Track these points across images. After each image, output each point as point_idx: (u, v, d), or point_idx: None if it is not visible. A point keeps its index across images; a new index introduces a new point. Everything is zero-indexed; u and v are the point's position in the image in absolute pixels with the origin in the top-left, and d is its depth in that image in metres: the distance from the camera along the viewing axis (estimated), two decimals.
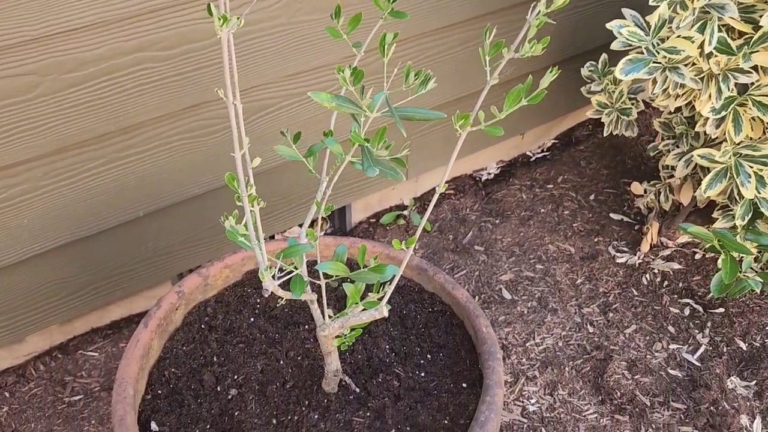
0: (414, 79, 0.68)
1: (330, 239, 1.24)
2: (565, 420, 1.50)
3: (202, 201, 1.57)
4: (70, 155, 1.32)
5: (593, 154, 2.30)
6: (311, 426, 1.01)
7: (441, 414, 1.04)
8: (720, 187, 1.38)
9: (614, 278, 1.85)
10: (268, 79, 1.47)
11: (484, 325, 1.10)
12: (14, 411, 1.53)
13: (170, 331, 1.15)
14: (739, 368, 1.59)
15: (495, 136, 2.02)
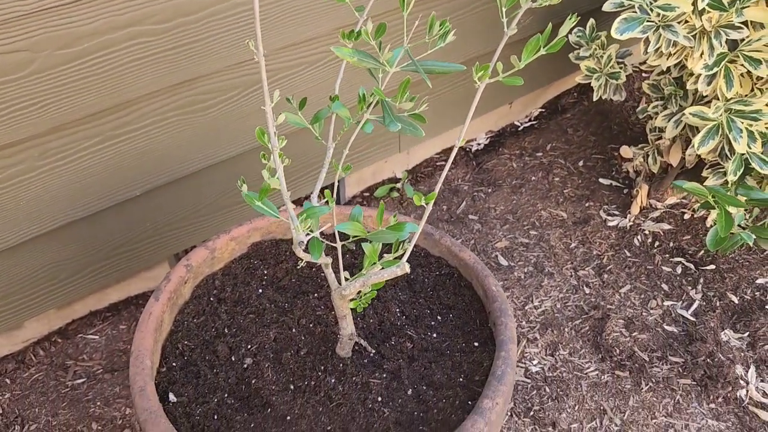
0: (438, 29, 0.69)
1: (336, 208, 1.25)
2: (568, 379, 1.53)
3: (199, 178, 1.56)
4: (66, 134, 1.29)
5: (580, 121, 2.32)
6: (329, 389, 1.02)
7: (455, 372, 1.06)
8: (712, 144, 1.41)
9: (607, 241, 1.89)
10: None
11: (494, 284, 1.11)
12: (16, 397, 1.51)
13: (180, 304, 1.15)
14: (732, 321, 1.64)
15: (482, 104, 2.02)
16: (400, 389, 1.03)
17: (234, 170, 1.61)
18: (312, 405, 1.00)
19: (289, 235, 1.28)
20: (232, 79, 1.45)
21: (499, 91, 2.09)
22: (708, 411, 1.46)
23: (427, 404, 1.01)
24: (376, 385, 1.02)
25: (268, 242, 1.26)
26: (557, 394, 1.49)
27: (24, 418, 1.47)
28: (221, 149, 1.54)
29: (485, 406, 0.92)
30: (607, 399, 1.48)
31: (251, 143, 1.57)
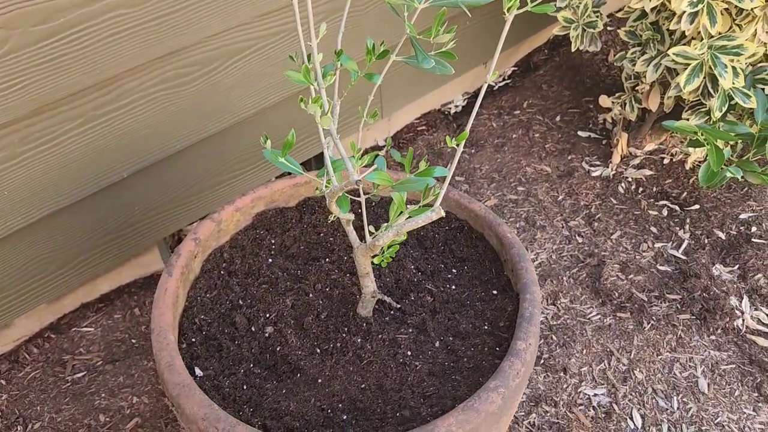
0: None
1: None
2: (572, 325, 1.55)
3: (185, 156, 1.52)
4: (47, 117, 1.23)
5: (553, 77, 2.34)
6: (357, 349, 1.01)
7: (479, 320, 1.06)
8: (697, 82, 1.43)
9: (593, 191, 1.91)
10: (241, 21, 1.41)
11: (508, 231, 1.11)
12: (14, 397, 1.46)
13: (191, 280, 1.12)
14: (722, 256, 1.69)
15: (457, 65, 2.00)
16: (428, 342, 1.02)
17: (220, 147, 1.57)
18: (342, 365, 0.99)
19: (292, 202, 1.26)
20: (214, 50, 1.40)
21: (474, 51, 2.08)
22: (709, 343, 1.50)
23: (457, 354, 1.01)
24: (404, 340, 1.02)
25: (272, 211, 1.23)
26: (564, 341, 1.51)
27: (26, 418, 1.42)
28: (206, 125, 1.49)
29: (519, 347, 0.93)
30: (612, 341, 1.52)
31: (236, 116, 1.53)
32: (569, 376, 1.45)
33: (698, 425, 1.36)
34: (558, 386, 1.43)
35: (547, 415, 1.37)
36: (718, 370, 1.45)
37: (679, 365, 1.46)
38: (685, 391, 1.42)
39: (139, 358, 1.52)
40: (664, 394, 1.41)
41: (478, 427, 0.85)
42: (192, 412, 0.86)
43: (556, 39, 2.46)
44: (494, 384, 0.88)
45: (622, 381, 1.44)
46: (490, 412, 0.86)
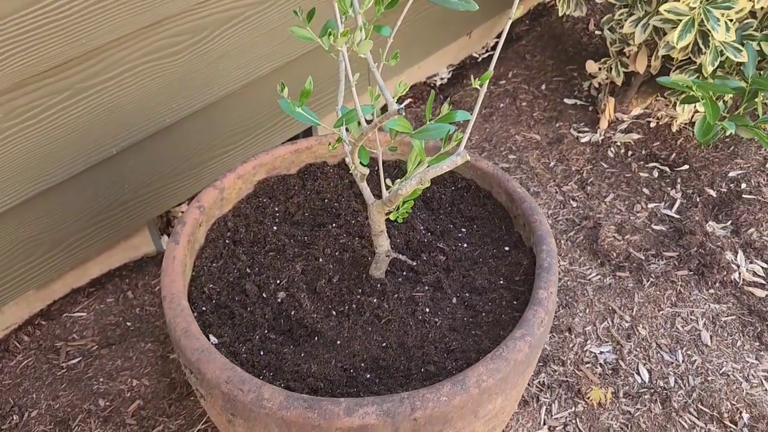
0: None
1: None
2: (573, 286, 1.56)
3: (175, 131, 1.47)
4: (32, 89, 1.18)
5: (535, 47, 2.34)
6: (374, 308, 0.99)
7: (494, 276, 1.05)
8: (689, 38, 1.44)
9: (583, 156, 1.92)
10: None
11: (517, 186, 1.10)
12: (7, 386, 1.40)
13: (196, 249, 1.08)
14: (714, 213, 1.71)
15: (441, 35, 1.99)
16: (445, 299, 1.01)
17: (210, 121, 1.52)
18: (360, 326, 0.97)
19: (293, 169, 1.23)
20: (201, 18, 1.36)
21: (459, 21, 2.07)
22: (708, 296, 1.52)
23: (475, 309, 0.99)
24: (421, 297, 1.00)
25: (274, 178, 1.20)
26: (566, 302, 1.52)
27: (21, 407, 1.37)
28: (194, 98, 1.45)
29: (541, 296, 0.92)
30: (613, 299, 1.52)
31: (226, 88, 1.49)
32: (574, 335, 1.45)
33: (704, 376, 1.37)
34: (564, 346, 1.43)
35: (555, 374, 1.37)
36: (719, 322, 1.47)
37: (680, 319, 1.48)
38: (688, 344, 1.43)
39: (136, 341, 1.48)
40: (668, 348, 1.43)
41: (507, 375, 0.84)
42: (214, 376, 0.83)
43: (536, 9, 2.46)
44: (520, 333, 0.87)
45: (626, 338, 1.45)
46: (518, 361, 0.85)
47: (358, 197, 1.21)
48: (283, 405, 0.79)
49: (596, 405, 1.31)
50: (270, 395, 0.80)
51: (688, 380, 1.37)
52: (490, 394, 0.83)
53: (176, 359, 1.44)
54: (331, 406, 0.79)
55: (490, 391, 0.83)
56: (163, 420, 1.34)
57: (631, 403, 1.33)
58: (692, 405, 1.32)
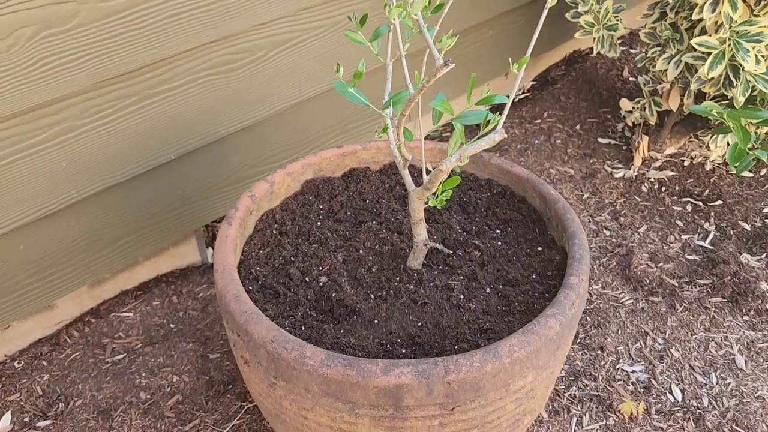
0: None
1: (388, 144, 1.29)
2: (605, 308, 1.57)
3: (227, 144, 1.57)
4: (107, 91, 1.30)
5: (570, 90, 2.42)
6: (411, 293, 1.04)
7: (528, 271, 1.09)
8: (720, 69, 1.50)
9: (616, 190, 1.96)
10: (286, 12, 1.49)
11: (551, 189, 1.16)
12: (55, 377, 1.47)
13: (246, 236, 1.15)
14: (748, 246, 1.72)
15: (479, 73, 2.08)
16: (479, 288, 1.05)
17: (259, 137, 1.63)
18: (398, 308, 1.02)
19: (338, 172, 1.31)
20: (260, 39, 1.48)
21: (496, 60, 2.17)
22: (743, 323, 1.52)
23: (508, 298, 1.03)
24: (456, 286, 1.05)
25: (320, 179, 1.28)
26: (599, 322, 1.53)
27: (67, 396, 1.43)
28: (248, 113, 1.56)
29: (572, 282, 0.96)
30: (646, 322, 1.53)
31: (277, 106, 1.60)
32: (606, 354, 1.46)
33: (739, 398, 1.36)
34: (596, 363, 1.44)
35: (587, 389, 1.38)
36: (755, 348, 1.46)
37: (714, 344, 1.48)
38: (722, 367, 1.43)
39: (178, 341, 1.54)
40: (701, 371, 1.42)
41: (538, 350, 0.88)
42: (261, 336, 0.88)
43: (572, 56, 2.56)
44: (552, 311, 0.91)
45: (658, 358, 1.45)
46: (549, 337, 0.88)
47: (398, 200, 1.27)
48: (324, 363, 0.84)
49: (627, 419, 1.31)
50: (312, 353, 0.85)
51: (722, 401, 1.36)
52: (522, 367, 0.87)
53: (216, 359, 1.49)
54: (369, 365, 0.83)
55: (521, 363, 0.86)
56: (200, 414, 1.38)
57: (664, 420, 1.32)
58: (727, 425, 1.31)
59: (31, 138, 1.24)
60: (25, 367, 1.49)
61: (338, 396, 0.85)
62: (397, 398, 0.83)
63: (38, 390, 1.44)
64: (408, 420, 0.86)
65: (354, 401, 0.85)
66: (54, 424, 1.37)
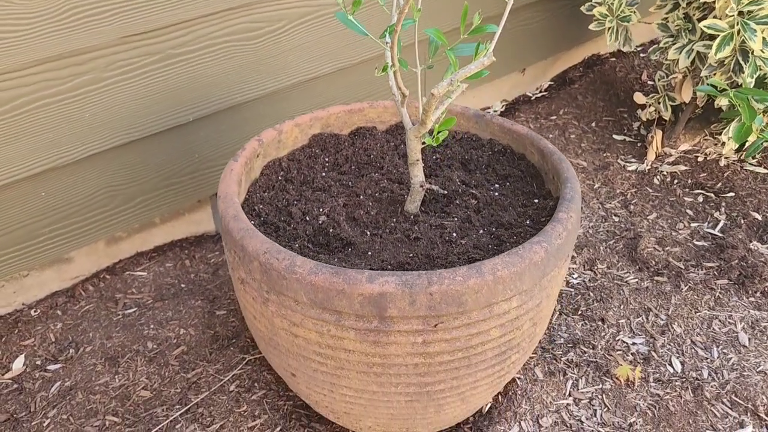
0: None
1: None
2: (609, 286, 1.58)
3: (243, 112, 1.64)
4: (132, 47, 1.38)
5: (587, 90, 2.45)
6: (405, 230, 1.07)
7: (522, 217, 1.11)
8: (728, 50, 1.52)
9: (628, 181, 1.97)
10: None
11: (549, 144, 1.19)
12: (68, 326, 1.52)
13: (252, 178, 1.20)
14: (759, 234, 1.71)
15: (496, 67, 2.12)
16: (473, 229, 1.08)
17: (273, 108, 1.69)
18: (391, 242, 1.05)
19: (345, 130, 1.35)
20: (279, 10, 1.55)
21: (512, 55, 2.22)
22: (748, 303, 1.51)
23: (500, 239, 1.06)
24: (450, 225, 1.08)
25: (327, 134, 1.32)
26: (602, 297, 1.54)
27: (78, 343, 1.48)
28: (264, 82, 1.62)
29: (561, 216, 0.98)
30: (649, 300, 1.53)
31: (292, 79, 1.66)
32: (607, 326, 1.46)
33: (740, 371, 1.35)
34: (596, 333, 1.44)
35: (585, 355, 1.38)
36: (759, 327, 1.45)
37: (718, 321, 1.47)
38: (725, 343, 1.42)
39: (188, 298, 1.58)
40: (703, 346, 1.41)
41: (522, 272, 0.90)
42: (254, 248, 0.92)
43: (591, 59, 2.59)
44: (538, 239, 0.93)
45: (660, 333, 1.44)
46: (533, 261, 0.90)
47: (402, 157, 1.31)
48: (312, 270, 0.87)
49: (624, 384, 1.31)
50: (302, 263, 0.89)
51: (722, 374, 1.34)
52: (505, 287, 0.89)
53: (222, 315, 1.53)
54: (355, 274, 0.86)
55: (504, 283, 0.88)
56: (203, 364, 1.41)
57: (661, 388, 1.31)
58: (725, 396, 1.30)
59: (57, 86, 1.32)
60: (41, 315, 1.55)
61: (325, 305, 0.88)
62: (381, 308, 0.86)
63: (51, 337, 1.50)
64: (392, 334, 0.89)
65: (340, 310, 0.88)
66: (63, 368, 1.42)
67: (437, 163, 1.28)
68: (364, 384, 0.96)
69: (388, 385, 0.95)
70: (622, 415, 1.26)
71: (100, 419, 1.31)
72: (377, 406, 1.00)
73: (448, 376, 0.95)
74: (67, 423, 1.30)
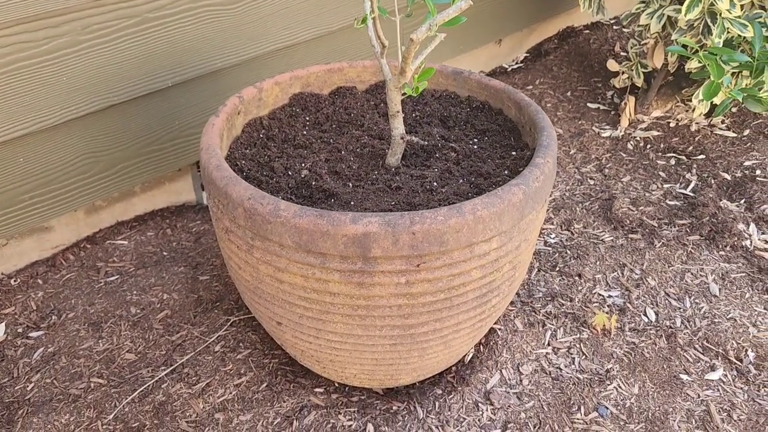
0: None
1: None
2: (586, 245, 1.61)
3: (223, 78, 1.64)
4: (108, 10, 1.37)
5: (562, 62, 2.49)
6: (387, 181, 1.09)
7: (500, 168, 1.14)
8: (697, 11, 1.56)
9: (603, 146, 2.01)
10: None
11: (525, 96, 1.21)
12: (50, 294, 1.52)
13: (233, 135, 1.21)
14: (728, 193, 1.77)
15: (473, 38, 2.16)
16: (453, 179, 1.10)
17: (254, 74, 1.69)
18: (373, 192, 1.07)
19: (325, 90, 1.37)
20: None
21: (488, 25, 2.24)
22: (719, 257, 1.56)
23: (479, 187, 1.08)
24: (431, 176, 1.10)
25: (307, 94, 1.33)
26: (578, 254, 1.57)
27: (60, 310, 1.48)
28: (243, 48, 1.62)
29: (538, 161, 1.01)
30: (624, 256, 1.57)
31: (272, 45, 1.67)
32: (584, 280, 1.50)
33: (711, 319, 1.40)
34: (573, 287, 1.48)
35: (563, 307, 1.42)
36: (729, 278, 1.50)
37: (690, 274, 1.52)
38: (697, 294, 1.46)
39: (170, 265, 1.59)
40: (676, 297, 1.46)
41: (501, 213, 0.92)
42: (238, 195, 0.93)
43: (565, 31, 2.63)
44: (516, 182, 0.96)
45: (635, 286, 1.49)
46: (512, 202, 0.93)
47: (383, 116, 1.33)
48: (296, 214, 0.89)
49: (601, 333, 1.35)
50: (285, 207, 0.90)
51: (694, 322, 1.39)
52: (485, 227, 0.91)
53: (205, 280, 1.54)
54: (339, 215, 0.88)
55: (484, 223, 0.91)
56: (187, 327, 1.42)
57: (636, 336, 1.36)
58: (698, 342, 1.35)
59: (32, 49, 1.31)
60: (21, 284, 1.54)
61: (310, 248, 0.90)
62: (365, 248, 0.88)
63: (32, 305, 1.49)
64: (376, 275, 0.91)
65: (324, 253, 0.89)
66: (46, 335, 1.42)
67: (417, 120, 1.30)
68: (349, 328, 0.98)
69: (373, 328, 0.98)
70: (599, 362, 1.30)
71: (85, 381, 1.31)
72: (362, 351, 1.03)
73: (431, 318, 0.98)
74: (51, 386, 1.31)
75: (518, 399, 1.21)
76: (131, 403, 1.25)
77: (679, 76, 2.07)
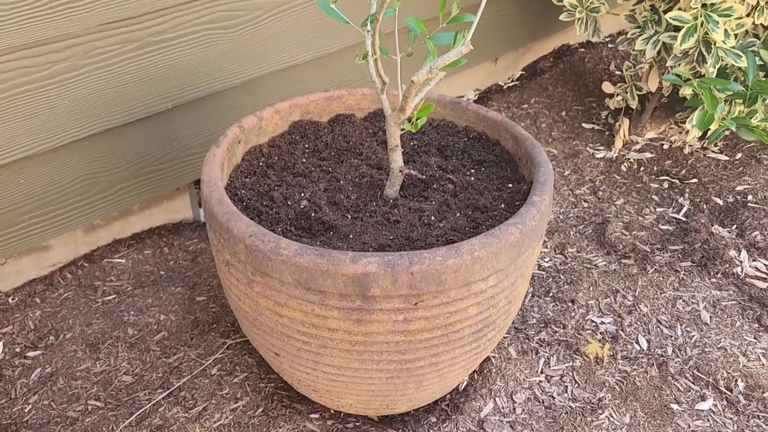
0: None
1: None
2: (579, 269, 1.64)
3: (222, 100, 1.65)
4: (110, 34, 1.38)
5: (558, 81, 2.51)
6: (386, 213, 1.11)
7: (497, 201, 1.16)
8: (692, 41, 1.59)
9: (597, 168, 2.04)
10: None
11: (522, 130, 1.23)
12: (47, 314, 1.53)
13: (234, 164, 1.22)
14: (720, 219, 1.79)
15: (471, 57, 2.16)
16: (450, 212, 1.12)
17: (252, 96, 1.70)
18: (372, 224, 1.08)
19: (324, 117, 1.38)
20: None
21: (486, 46, 2.26)
22: (710, 284, 1.58)
23: (476, 221, 1.10)
24: (428, 209, 1.11)
25: (306, 122, 1.35)
26: (572, 280, 1.59)
27: (58, 330, 1.48)
28: (243, 70, 1.64)
29: (535, 199, 1.03)
30: (617, 282, 1.59)
31: (271, 67, 1.68)
32: (577, 306, 1.52)
33: (702, 348, 1.42)
34: (566, 314, 1.50)
35: (556, 335, 1.44)
36: (720, 306, 1.52)
37: (681, 301, 1.54)
38: (688, 322, 1.49)
39: (167, 285, 1.60)
40: (668, 324, 1.48)
41: (498, 252, 0.94)
42: (240, 231, 0.95)
43: (560, 49, 2.65)
44: (513, 221, 0.97)
45: (627, 312, 1.51)
46: (509, 242, 0.95)
47: (381, 144, 1.34)
48: (297, 252, 0.90)
49: (593, 361, 1.37)
50: (286, 245, 0.92)
51: (685, 350, 1.41)
52: (482, 266, 0.93)
53: (202, 301, 1.55)
54: (339, 255, 0.90)
55: (482, 262, 0.92)
56: (184, 349, 1.44)
57: (628, 364, 1.38)
58: (688, 371, 1.37)
59: (34, 73, 1.32)
60: (19, 303, 1.55)
61: (309, 286, 0.91)
62: (364, 287, 0.90)
63: (30, 324, 1.50)
64: (374, 313, 0.92)
65: (324, 290, 0.91)
66: (44, 355, 1.43)
67: (415, 150, 1.32)
68: (347, 362, 1.00)
69: (370, 363, 0.99)
70: (591, 391, 1.32)
71: (83, 404, 1.32)
72: (359, 383, 1.04)
73: (428, 353, 0.99)
74: (49, 408, 1.32)
75: (511, 428, 1.23)
76: (128, 427, 1.26)
77: (673, 99, 2.10)
